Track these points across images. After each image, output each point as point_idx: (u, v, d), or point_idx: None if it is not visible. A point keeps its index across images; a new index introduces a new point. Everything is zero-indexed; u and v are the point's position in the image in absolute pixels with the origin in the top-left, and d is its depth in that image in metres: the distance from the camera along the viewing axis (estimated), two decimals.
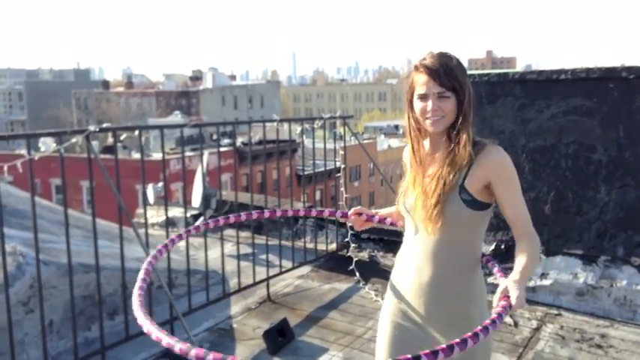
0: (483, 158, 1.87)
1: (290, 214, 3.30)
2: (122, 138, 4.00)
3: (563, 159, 4.28)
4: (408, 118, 1.98)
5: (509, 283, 1.73)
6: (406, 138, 2.03)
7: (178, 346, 1.48)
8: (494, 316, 1.64)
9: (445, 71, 1.85)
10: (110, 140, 24.81)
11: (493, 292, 1.77)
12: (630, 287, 4.09)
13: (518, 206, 1.92)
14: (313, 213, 2.71)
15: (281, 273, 4.79)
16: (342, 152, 5.40)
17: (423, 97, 1.89)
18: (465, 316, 1.95)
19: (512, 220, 1.94)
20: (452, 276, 1.94)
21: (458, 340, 1.53)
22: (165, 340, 1.52)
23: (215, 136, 4.23)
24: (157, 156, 22.60)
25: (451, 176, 1.87)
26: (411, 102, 1.95)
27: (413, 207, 1.97)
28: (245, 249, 4.76)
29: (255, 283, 4.52)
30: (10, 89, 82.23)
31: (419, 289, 1.97)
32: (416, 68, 1.92)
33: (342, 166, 5.39)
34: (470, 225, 1.93)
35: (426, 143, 1.99)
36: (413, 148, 1.99)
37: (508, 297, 1.70)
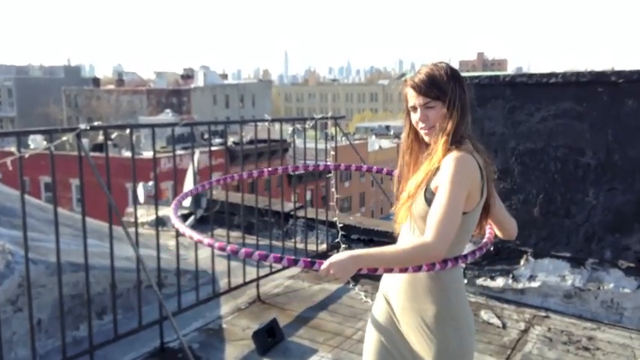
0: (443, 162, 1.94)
1: (310, 168, 3.00)
2: (113, 136, 3.98)
3: (553, 162, 4.31)
4: (405, 128, 2.11)
5: (341, 253, 1.81)
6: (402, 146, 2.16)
7: (217, 244, 1.96)
8: (302, 258, 1.81)
9: (427, 83, 1.97)
10: (100, 138, 24.70)
11: (482, 294, 1.78)
12: (617, 290, 4.13)
13: (435, 210, 1.84)
14: (364, 168, 2.81)
15: (271, 273, 4.79)
16: (333, 153, 5.40)
17: (414, 109, 2.02)
18: (434, 314, 1.99)
19: (427, 219, 1.87)
20: (421, 275, 1.99)
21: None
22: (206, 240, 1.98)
23: (206, 135, 4.24)
24: (147, 154, 22.52)
25: (422, 176, 1.96)
26: (407, 115, 2.07)
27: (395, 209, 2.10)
28: None
29: (245, 283, 4.52)
30: None
31: (395, 286, 2.08)
32: (405, 83, 2.05)
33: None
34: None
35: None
36: (403, 157, 2.11)
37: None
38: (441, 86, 1.95)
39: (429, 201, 1.93)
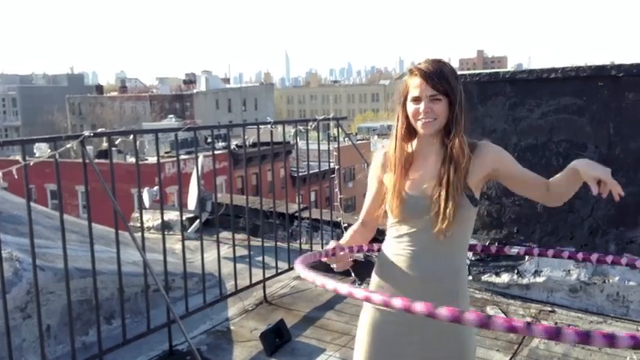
0: (480, 154, 1.99)
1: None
2: (117, 142, 4.02)
3: (555, 157, 4.32)
4: (398, 120, 2.06)
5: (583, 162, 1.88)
6: (391, 140, 2.09)
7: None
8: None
9: (438, 75, 1.95)
10: (105, 145, 24.76)
11: (488, 290, 1.80)
12: (622, 283, 4.13)
13: (529, 172, 2.04)
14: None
15: (277, 274, 4.81)
16: (335, 153, 5.43)
17: (416, 100, 1.98)
18: (455, 294, 2.02)
19: (534, 182, 2.02)
20: (450, 272, 2.01)
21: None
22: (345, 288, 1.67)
23: (209, 140, 4.28)
24: (152, 160, 22.57)
25: (460, 179, 1.96)
26: (403, 105, 2.03)
27: (414, 209, 2.01)
28: (241, 251, 4.79)
29: (251, 285, 4.54)
30: (3, 95, 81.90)
31: (417, 287, 1.99)
32: (411, 72, 2.01)
33: (336, 167, 5.42)
34: (468, 221, 2.03)
35: (412, 145, 2.08)
36: (395, 147, 2.06)
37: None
38: (450, 82, 1.96)
39: (471, 199, 1.97)
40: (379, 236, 2.22)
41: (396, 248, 2.07)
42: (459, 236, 2.00)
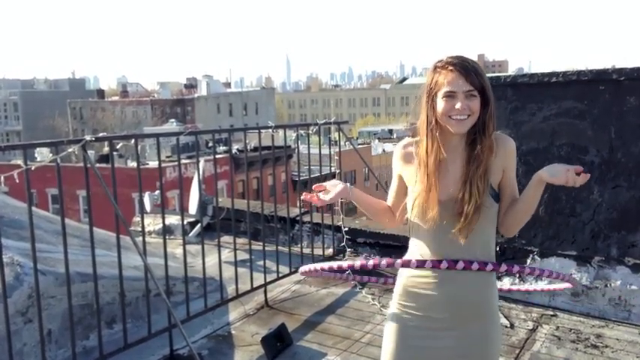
0: (501, 148, 1.94)
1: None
2: (118, 147, 4.02)
3: (556, 161, 4.29)
4: (427, 119, 1.93)
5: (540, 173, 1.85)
6: (422, 138, 1.97)
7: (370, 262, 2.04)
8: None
9: (474, 70, 1.86)
10: (106, 149, 24.78)
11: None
12: (624, 287, 4.13)
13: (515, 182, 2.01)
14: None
15: (278, 278, 4.81)
16: (336, 157, 5.42)
17: (450, 95, 1.86)
18: (485, 308, 2.03)
19: (513, 193, 2.00)
20: (480, 274, 1.98)
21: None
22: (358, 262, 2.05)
23: (210, 144, 4.29)
24: (153, 164, 22.57)
25: (484, 181, 1.90)
26: (432, 102, 1.91)
27: (444, 213, 1.94)
28: (242, 255, 4.78)
29: (252, 289, 4.54)
30: (5, 100, 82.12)
31: (445, 288, 1.97)
32: (443, 67, 1.89)
33: (337, 171, 5.42)
34: (493, 219, 2.00)
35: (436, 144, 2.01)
36: (427, 149, 1.94)
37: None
38: (484, 78, 1.88)
39: (494, 197, 1.96)
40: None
41: (421, 248, 2.03)
42: (485, 236, 1.98)
